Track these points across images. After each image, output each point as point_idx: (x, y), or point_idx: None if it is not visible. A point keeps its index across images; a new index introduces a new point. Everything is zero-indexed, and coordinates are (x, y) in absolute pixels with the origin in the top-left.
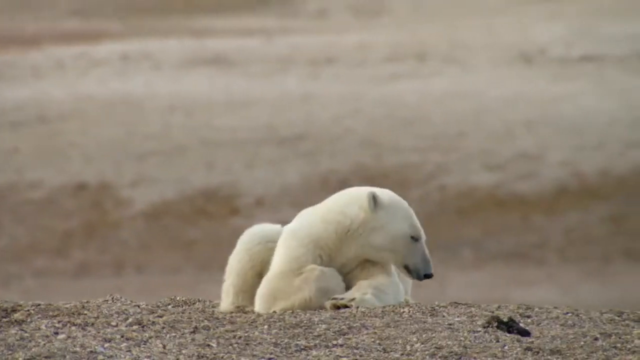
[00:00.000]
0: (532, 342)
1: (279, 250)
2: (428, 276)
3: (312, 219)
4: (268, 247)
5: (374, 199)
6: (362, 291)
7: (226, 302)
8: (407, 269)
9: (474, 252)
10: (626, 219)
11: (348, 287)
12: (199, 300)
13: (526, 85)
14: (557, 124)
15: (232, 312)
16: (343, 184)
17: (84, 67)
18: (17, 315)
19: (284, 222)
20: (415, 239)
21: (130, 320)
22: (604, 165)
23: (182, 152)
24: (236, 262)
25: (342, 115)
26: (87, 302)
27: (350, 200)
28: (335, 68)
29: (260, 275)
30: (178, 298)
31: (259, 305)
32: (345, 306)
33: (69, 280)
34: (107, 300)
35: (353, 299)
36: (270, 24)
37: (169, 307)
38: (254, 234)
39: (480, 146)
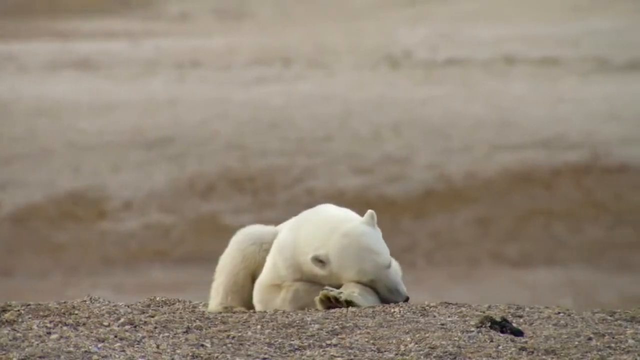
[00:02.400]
0: (526, 342)
1: (269, 260)
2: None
3: (296, 243)
4: (262, 248)
5: (317, 261)
6: (350, 290)
7: (215, 301)
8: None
9: None
10: (492, 222)
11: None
12: (178, 301)
13: (392, 89)
14: (424, 127)
15: (220, 312)
16: (210, 188)
17: None
18: (7, 316)
19: (152, 226)
20: (370, 280)
21: (122, 320)
22: (470, 168)
23: (49, 155)
24: (228, 262)
25: (208, 119)
26: (64, 302)
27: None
28: (201, 71)
29: (252, 276)
30: (157, 299)
31: (257, 308)
32: (336, 298)
33: None
34: (85, 301)
35: (341, 292)
36: (134, 27)
37: (158, 307)
38: (247, 234)
39: (347, 149)
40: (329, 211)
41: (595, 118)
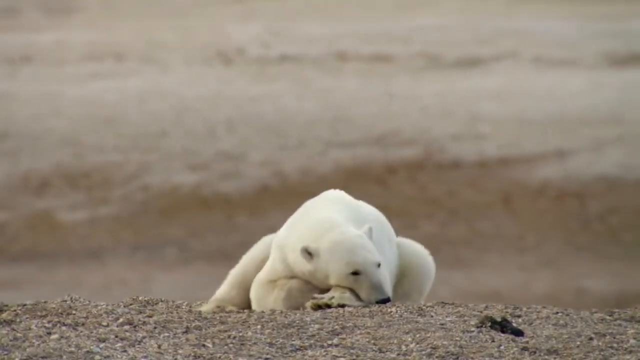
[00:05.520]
0: (528, 342)
1: (270, 256)
2: (381, 302)
3: (291, 240)
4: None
5: (307, 252)
6: (340, 291)
7: (223, 287)
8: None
9: (178, 251)
10: None
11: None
12: (161, 301)
13: (226, 85)
14: (258, 124)
15: (214, 312)
16: (44, 184)
17: None
18: (4, 315)
19: None
20: (356, 273)
21: (121, 320)
22: (304, 165)
23: None
24: (249, 257)
25: (42, 115)
26: (45, 302)
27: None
28: (33, 67)
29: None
30: (140, 298)
31: (252, 304)
32: (327, 305)
33: None
34: (66, 300)
35: (332, 298)
36: None
37: (143, 307)
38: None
39: (181, 145)
40: (328, 214)
41: (428, 115)
